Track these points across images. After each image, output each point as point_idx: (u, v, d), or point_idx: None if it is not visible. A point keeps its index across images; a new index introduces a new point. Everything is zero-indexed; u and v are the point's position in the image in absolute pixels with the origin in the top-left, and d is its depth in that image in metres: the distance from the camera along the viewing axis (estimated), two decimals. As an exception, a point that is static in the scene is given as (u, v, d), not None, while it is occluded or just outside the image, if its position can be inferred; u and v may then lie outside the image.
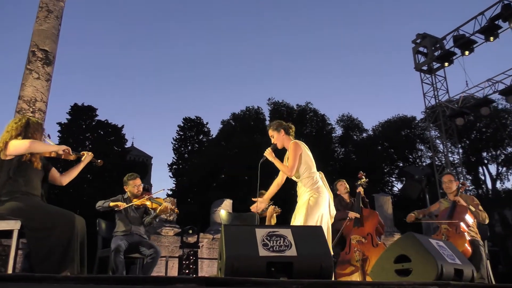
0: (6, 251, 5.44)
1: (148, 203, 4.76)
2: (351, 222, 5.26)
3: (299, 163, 3.88)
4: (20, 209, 2.69)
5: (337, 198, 5.84)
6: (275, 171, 4.03)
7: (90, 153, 3.42)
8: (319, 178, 3.93)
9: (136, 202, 4.73)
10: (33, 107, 7.59)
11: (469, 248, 4.46)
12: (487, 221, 4.89)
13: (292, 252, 2.37)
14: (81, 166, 3.36)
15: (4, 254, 5.43)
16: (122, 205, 4.65)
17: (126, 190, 4.91)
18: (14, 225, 2.63)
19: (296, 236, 2.46)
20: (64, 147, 3.11)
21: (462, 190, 5.06)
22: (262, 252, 2.34)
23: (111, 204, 4.66)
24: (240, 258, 2.28)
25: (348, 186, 5.93)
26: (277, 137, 4.06)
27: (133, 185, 4.84)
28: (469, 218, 4.70)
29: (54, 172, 3.26)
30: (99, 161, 3.54)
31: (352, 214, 5.26)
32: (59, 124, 26.05)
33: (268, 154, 3.96)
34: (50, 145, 3.09)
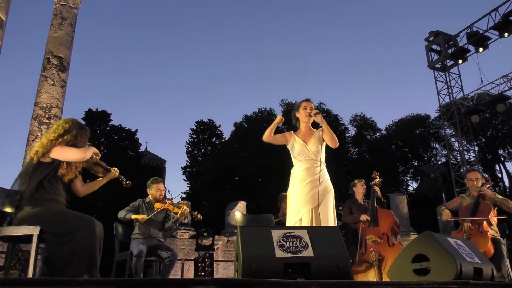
0: (26, 256, 5.54)
1: (170, 208, 4.78)
2: (366, 223, 5.22)
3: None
4: (41, 214, 2.73)
5: (350, 200, 5.80)
6: (287, 173, 3.98)
7: (116, 169, 3.31)
8: None
9: (158, 206, 4.76)
10: (49, 114, 7.71)
11: (491, 247, 4.39)
12: None
13: (308, 252, 2.36)
14: (102, 182, 3.27)
15: (24, 259, 5.53)
16: (143, 218, 4.64)
17: (149, 193, 4.93)
18: (33, 230, 2.67)
19: (312, 237, 2.45)
20: (96, 150, 3.10)
21: (486, 186, 4.95)
22: (279, 253, 2.34)
23: (133, 217, 4.65)
24: (257, 260, 2.28)
25: (365, 187, 5.86)
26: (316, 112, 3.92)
27: (157, 189, 4.88)
28: (492, 216, 4.63)
29: (77, 181, 3.19)
30: (128, 182, 3.42)
31: (364, 217, 5.22)
32: (74, 129, 26.36)
33: (320, 116, 3.83)
34: (89, 149, 3.05)
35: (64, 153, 2.89)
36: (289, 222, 3.69)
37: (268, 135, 3.91)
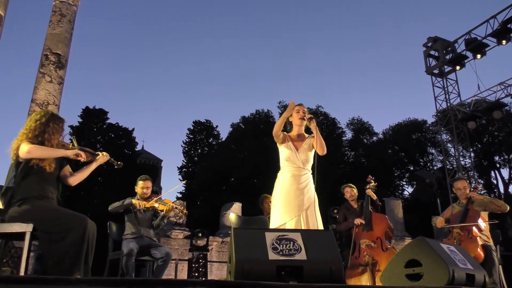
0: (18, 253, 5.51)
1: (156, 204, 4.78)
2: (360, 227, 5.23)
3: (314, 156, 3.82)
4: (34, 211, 2.71)
5: (344, 205, 5.80)
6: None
7: (105, 153, 3.21)
8: None
9: (144, 204, 4.76)
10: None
11: (481, 253, 4.41)
12: (506, 208, 4.71)
13: (301, 256, 2.36)
14: (92, 167, 3.15)
15: (17, 256, 5.50)
16: (142, 204, 4.66)
17: (136, 192, 4.94)
18: (26, 227, 2.65)
19: (305, 240, 2.45)
20: (75, 151, 2.95)
21: (477, 193, 4.97)
22: (272, 256, 2.34)
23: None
24: (250, 262, 2.28)
25: (355, 192, 5.82)
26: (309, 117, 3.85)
27: (142, 186, 4.87)
28: (481, 222, 4.64)
29: (66, 171, 3.13)
30: (119, 162, 3.36)
31: (358, 221, 5.23)
32: (71, 127, 26.25)
33: (314, 122, 3.76)
34: (56, 150, 2.91)
35: (22, 150, 2.81)
36: (272, 227, 3.68)
37: (279, 128, 3.82)
